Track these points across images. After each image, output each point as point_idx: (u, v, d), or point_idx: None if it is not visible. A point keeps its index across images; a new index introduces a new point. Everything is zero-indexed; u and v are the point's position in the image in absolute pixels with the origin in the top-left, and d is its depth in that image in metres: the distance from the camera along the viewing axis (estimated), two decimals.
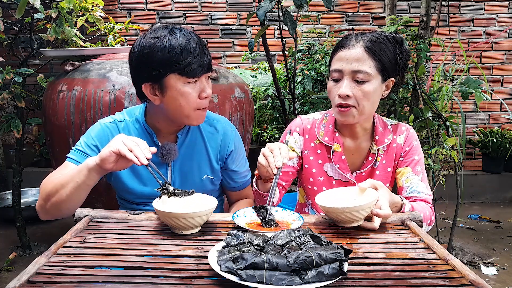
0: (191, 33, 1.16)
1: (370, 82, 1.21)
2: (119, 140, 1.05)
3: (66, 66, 2.06)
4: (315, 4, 3.60)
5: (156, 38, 1.12)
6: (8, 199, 3.01)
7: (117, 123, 1.27)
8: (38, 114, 2.43)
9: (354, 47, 1.21)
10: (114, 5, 3.59)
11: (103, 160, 1.05)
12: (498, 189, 3.64)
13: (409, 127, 1.39)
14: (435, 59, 3.56)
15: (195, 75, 1.13)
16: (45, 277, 0.74)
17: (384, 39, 1.23)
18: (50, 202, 1.13)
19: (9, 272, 2.22)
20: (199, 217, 0.96)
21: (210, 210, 0.99)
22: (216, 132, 1.33)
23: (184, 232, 0.98)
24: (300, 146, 1.39)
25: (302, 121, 1.41)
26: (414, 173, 1.32)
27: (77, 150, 1.22)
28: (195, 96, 1.16)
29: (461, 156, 2.82)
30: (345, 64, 1.21)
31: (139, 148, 1.05)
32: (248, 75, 3.20)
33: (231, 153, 1.35)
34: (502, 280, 2.21)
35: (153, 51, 1.11)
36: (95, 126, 1.27)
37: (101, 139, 1.23)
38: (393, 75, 1.26)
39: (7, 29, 2.38)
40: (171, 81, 1.13)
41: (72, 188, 1.10)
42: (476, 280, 0.75)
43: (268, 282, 0.70)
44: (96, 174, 1.09)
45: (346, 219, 1.00)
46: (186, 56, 1.11)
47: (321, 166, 1.37)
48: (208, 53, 1.17)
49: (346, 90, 1.21)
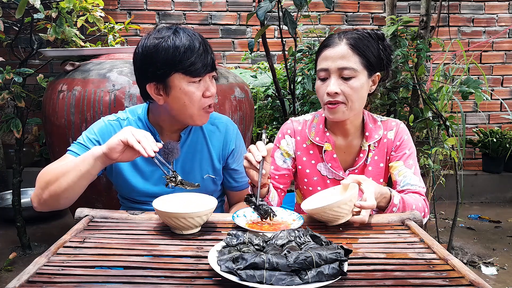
0: (195, 33, 1.17)
1: (356, 78, 1.22)
2: (128, 131, 1.07)
3: (66, 66, 2.06)
4: (315, 4, 3.60)
5: (160, 38, 1.13)
6: (8, 199, 3.01)
7: (120, 121, 1.28)
8: (38, 114, 2.44)
9: (338, 45, 1.24)
10: (114, 5, 3.59)
11: (110, 149, 1.06)
12: (498, 189, 3.64)
13: (399, 122, 1.40)
14: (435, 59, 3.56)
15: (199, 74, 1.14)
16: (45, 277, 0.75)
17: (367, 35, 1.26)
18: (48, 191, 1.11)
19: (9, 272, 2.22)
20: (199, 217, 0.96)
21: (210, 210, 0.99)
22: (218, 131, 1.34)
23: (184, 232, 0.98)
24: (293, 148, 1.40)
25: (292, 123, 1.42)
26: (406, 167, 1.32)
27: (79, 143, 1.22)
28: (199, 96, 1.17)
29: (461, 156, 2.82)
30: (331, 63, 1.23)
31: (147, 141, 1.06)
32: (248, 75, 3.20)
33: (232, 152, 1.35)
34: (502, 280, 2.21)
35: (157, 51, 1.12)
36: (98, 123, 1.28)
37: (103, 135, 1.24)
38: (378, 70, 1.28)
39: (7, 29, 2.39)
40: (175, 80, 1.14)
41: (74, 176, 1.09)
42: (476, 280, 0.75)
43: (268, 282, 0.70)
44: (100, 163, 1.08)
45: (331, 217, 1.01)
46: (190, 55, 1.12)
47: (314, 166, 1.38)
48: (211, 52, 1.18)
49: (334, 88, 1.22)
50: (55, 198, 1.12)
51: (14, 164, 2.43)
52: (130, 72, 1.92)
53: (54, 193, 1.11)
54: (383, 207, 1.17)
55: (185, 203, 1.07)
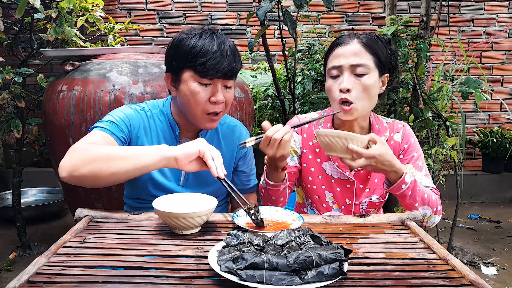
0: (225, 40, 1.19)
1: (369, 75, 1.23)
2: (204, 144, 1.07)
3: (66, 66, 2.06)
4: (315, 4, 3.60)
5: (188, 34, 1.18)
6: (8, 199, 3.01)
7: (146, 112, 1.29)
8: (38, 114, 2.43)
9: (350, 43, 1.25)
10: (114, 5, 3.59)
11: (186, 155, 1.04)
12: (498, 189, 3.64)
13: (405, 124, 1.40)
14: (435, 59, 3.56)
15: (207, 76, 1.15)
16: (45, 277, 0.75)
17: (376, 37, 1.28)
18: (91, 167, 1.03)
19: (9, 272, 2.22)
20: (199, 217, 0.96)
21: (210, 210, 0.99)
22: (232, 134, 1.37)
23: (184, 232, 0.98)
24: (300, 145, 1.40)
25: (299, 120, 1.41)
26: (416, 169, 1.33)
27: (110, 121, 1.20)
28: (204, 98, 1.18)
29: (461, 156, 2.82)
30: (344, 60, 1.24)
31: (220, 161, 1.06)
32: (248, 75, 3.20)
33: (244, 155, 1.39)
34: (502, 280, 2.21)
35: (180, 45, 1.17)
36: (126, 108, 1.27)
37: (133, 121, 1.24)
38: (387, 71, 1.29)
39: (7, 29, 2.38)
40: (185, 76, 1.18)
41: (130, 165, 1.04)
42: (476, 280, 0.75)
43: (268, 282, 0.70)
44: (165, 163, 1.05)
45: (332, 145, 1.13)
46: (204, 55, 1.14)
47: (319, 165, 1.38)
48: (232, 61, 1.18)
49: (347, 84, 1.23)
50: (96, 176, 1.04)
51: (14, 164, 2.43)
52: (130, 72, 1.93)
53: (98, 172, 1.04)
54: (392, 180, 1.16)
55: (185, 203, 1.07)
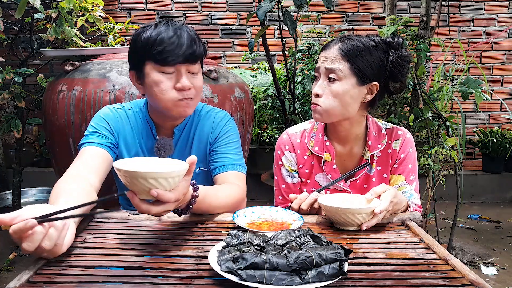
0: (182, 26, 1.15)
1: (340, 82, 1.20)
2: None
3: (66, 66, 2.06)
4: (315, 4, 3.60)
5: (145, 27, 1.16)
6: (8, 199, 3.01)
7: (126, 110, 1.28)
8: (38, 114, 2.44)
9: (331, 48, 1.24)
10: (114, 5, 3.59)
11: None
12: (498, 189, 3.64)
13: (405, 131, 1.35)
14: (435, 59, 3.56)
15: (167, 63, 1.12)
16: (45, 277, 0.74)
17: (369, 45, 1.21)
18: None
19: (9, 272, 2.22)
20: (172, 178, 0.83)
21: (182, 171, 0.86)
22: (206, 119, 1.32)
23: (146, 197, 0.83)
24: (295, 162, 1.37)
25: (289, 137, 1.37)
26: (407, 182, 1.30)
27: (94, 133, 1.20)
28: (169, 86, 1.14)
29: (461, 156, 2.82)
30: (321, 63, 1.25)
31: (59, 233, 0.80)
32: (248, 75, 3.20)
33: (216, 138, 1.30)
34: (502, 280, 2.21)
35: (137, 39, 1.15)
36: (103, 111, 1.27)
37: (112, 121, 1.24)
38: (376, 80, 1.23)
39: (7, 29, 2.39)
40: (147, 68, 1.15)
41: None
42: (476, 280, 0.75)
43: (268, 282, 0.70)
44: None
45: (341, 221, 1.01)
46: (161, 43, 1.11)
47: (313, 177, 1.35)
48: (192, 44, 1.14)
49: (316, 89, 1.24)
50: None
51: (14, 164, 2.43)
52: None
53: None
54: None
55: (152, 165, 0.92)
